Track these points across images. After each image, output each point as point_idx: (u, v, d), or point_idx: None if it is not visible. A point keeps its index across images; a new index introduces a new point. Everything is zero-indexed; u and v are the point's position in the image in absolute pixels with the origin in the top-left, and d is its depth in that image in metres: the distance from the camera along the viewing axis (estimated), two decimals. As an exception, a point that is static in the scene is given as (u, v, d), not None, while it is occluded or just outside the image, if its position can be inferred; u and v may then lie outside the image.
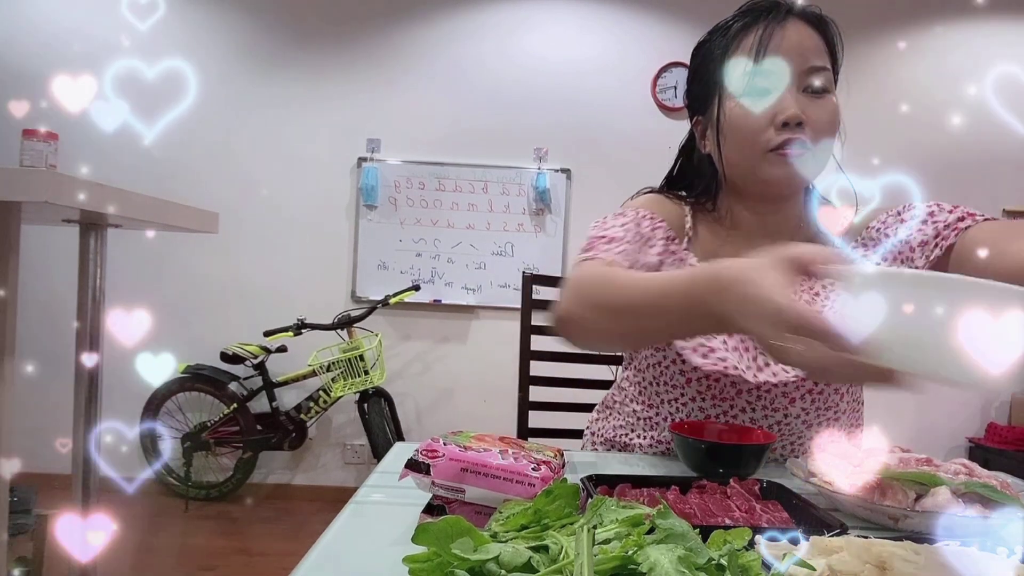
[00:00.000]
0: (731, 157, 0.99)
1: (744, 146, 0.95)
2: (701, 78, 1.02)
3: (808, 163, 0.93)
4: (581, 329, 0.85)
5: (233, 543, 3.05)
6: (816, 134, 0.92)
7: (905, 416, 3.65)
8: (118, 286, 2.42)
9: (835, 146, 0.97)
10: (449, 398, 3.69)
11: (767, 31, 0.93)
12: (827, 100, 0.94)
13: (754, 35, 0.94)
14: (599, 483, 0.77)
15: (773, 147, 0.92)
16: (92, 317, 1.60)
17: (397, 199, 3.63)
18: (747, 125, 0.94)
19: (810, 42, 0.94)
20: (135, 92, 3.60)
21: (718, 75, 0.98)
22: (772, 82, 0.92)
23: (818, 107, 0.93)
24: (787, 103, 0.92)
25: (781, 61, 0.92)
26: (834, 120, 0.95)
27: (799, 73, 0.93)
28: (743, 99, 0.94)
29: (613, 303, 0.80)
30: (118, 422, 3.22)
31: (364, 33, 3.65)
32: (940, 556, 0.54)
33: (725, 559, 0.47)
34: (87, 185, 1.20)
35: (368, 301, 3.52)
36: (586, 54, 3.67)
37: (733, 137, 0.97)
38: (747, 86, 0.93)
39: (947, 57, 3.67)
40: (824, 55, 0.95)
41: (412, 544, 0.48)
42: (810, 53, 0.93)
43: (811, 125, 0.92)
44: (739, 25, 0.97)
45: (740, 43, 0.96)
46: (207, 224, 1.73)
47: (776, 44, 0.92)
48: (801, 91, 0.93)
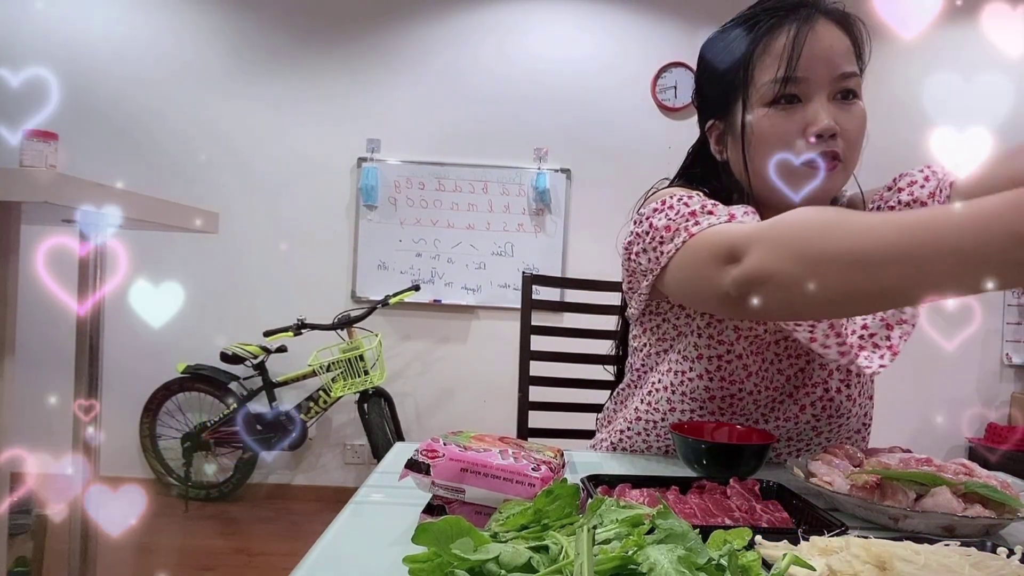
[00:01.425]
0: (758, 168, 0.93)
1: (775, 158, 0.90)
2: (719, 79, 0.96)
3: (840, 175, 0.90)
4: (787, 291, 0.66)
5: (233, 543, 3.05)
6: (848, 144, 0.89)
7: (905, 416, 3.66)
8: (118, 286, 2.42)
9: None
10: (449, 398, 3.69)
11: (799, 33, 0.87)
12: (857, 107, 0.90)
13: (785, 36, 0.88)
14: (599, 483, 0.77)
15: (805, 161, 0.88)
16: (92, 317, 1.60)
17: (397, 199, 3.63)
18: (777, 136, 0.89)
19: (840, 45, 0.89)
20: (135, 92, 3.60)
21: (742, 78, 0.92)
22: (804, 90, 0.88)
23: (849, 115, 0.89)
24: (820, 114, 0.87)
25: (814, 67, 0.87)
26: (863, 127, 0.91)
27: (831, 80, 0.88)
28: (774, 107, 0.89)
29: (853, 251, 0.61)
30: (118, 422, 3.23)
31: (364, 33, 3.65)
32: (940, 556, 0.54)
33: (725, 559, 0.47)
34: (87, 185, 1.20)
35: (368, 301, 3.52)
36: (586, 54, 3.67)
37: (761, 148, 0.91)
38: (778, 93, 0.89)
39: (944, 54, 3.67)
40: (853, 58, 0.91)
41: (412, 544, 0.48)
42: (841, 58, 0.89)
43: (843, 135, 0.88)
44: (766, 25, 0.90)
45: (769, 45, 0.89)
46: (207, 224, 1.73)
47: (808, 48, 0.87)
48: (831, 99, 0.89)
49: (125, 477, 3.25)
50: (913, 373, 3.49)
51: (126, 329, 2.67)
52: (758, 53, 0.90)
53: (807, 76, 0.88)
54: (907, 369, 3.40)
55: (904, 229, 0.57)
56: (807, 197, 0.90)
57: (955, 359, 3.54)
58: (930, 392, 3.68)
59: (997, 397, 3.74)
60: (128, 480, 3.11)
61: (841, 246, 0.62)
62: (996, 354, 3.73)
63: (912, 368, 3.38)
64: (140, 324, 3.63)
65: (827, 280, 0.62)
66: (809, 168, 0.88)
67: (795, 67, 0.87)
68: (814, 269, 0.63)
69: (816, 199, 0.90)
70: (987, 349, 3.72)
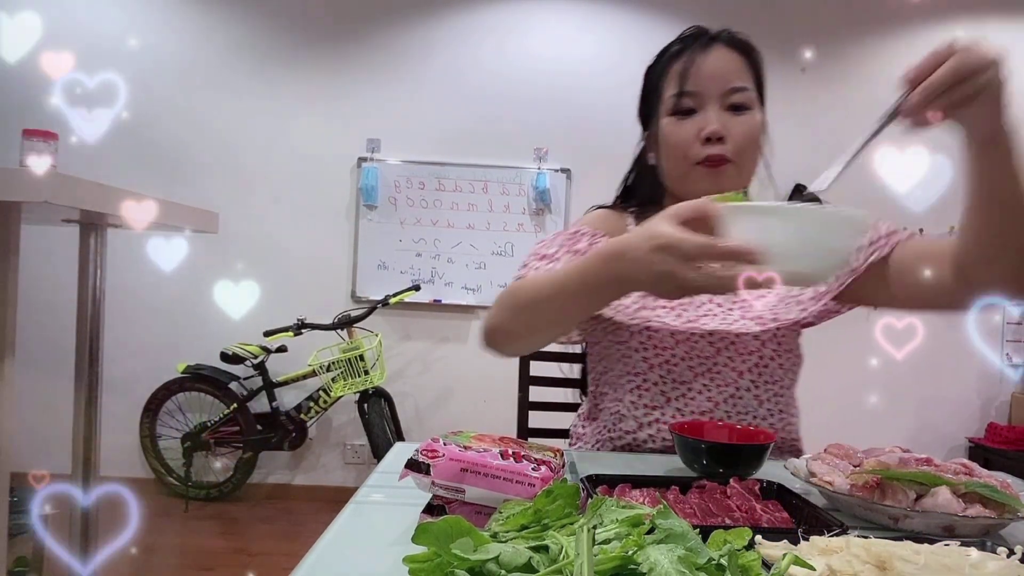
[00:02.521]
0: (667, 169, 1.10)
1: (675, 159, 1.07)
2: (646, 98, 1.15)
3: (731, 173, 1.04)
4: (505, 334, 0.96)
5: (233, 543, 3.05)
6: (737, 147, 1.03)
7: (905, 416, 3.66)
8: (118, 286, 2.42)
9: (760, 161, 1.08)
10: (449, 398, 3.69)
11: (692, 56, 1.05)
12: (748, 116, 1.05)
13: (683, 60, 1.06)
14: (599, 483, 0.77)
15: (699, 160, 1.04)
16: (92, 317, 1.60)
17: (397, 199, 3.63)
18: (677, 140, 1.06)
19: (732, 65, 1.06)
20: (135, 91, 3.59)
21: (656, 95, 1.10)
22: (698, 102, 1.05)
23: (739, 123, 1.04)
24: (709, 120, 1.03)
25: (705, 82, 1.04)
26: (754, 134, 1.05)
27: (721, 93, 1.04)
28: (675, 117, 1.06)
29: (527, 300, 0.91)
30: (118, 422, 3.23)
31: (364, 33, 3.65)
32: (940, 556, 0.54)
33: (725, 559, 0.47)
34: (87, 185, 1.20)
35: (368, 301, 3.52)
36: (586, 54, 3.67)
37: (666, 151, 1.08)
38: (676, 106, 1.06)
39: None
40: (746, 76, 1.06)
41: (412, 544, 0.49)
42: (731, 74, 1.05)
43: (732, 139, 1.03)
44: (673, 51, 1.09)
45: (671, 67, 1.08)
46: (207, 224, 1.73)
47: (700, 68, 1.04)
48: (724, 109, 1.04)
49: (125, 477, 3.26)
50: (913, 373, 3.49)
51: (126, 329, 2.67)
52: (665, 74, 1.09)
53: (699, 90, 1.04)
54: (907, 369, 3.40)
55: (553, 280, 0.87)
56: (704, 193, 0.97)
57: (955, 359, 3.54)
58: (930, 392, 3.68)
59: (997, 397, 3.74)
60: (128, 480, 3.12)
61: (524, 298, 0.92)
62: (996, 354, 3.73)
63: (912, 368, 3.38)
64: (140, 324, 3.64)
65: (525, 319, 0.93)
66: (701, 167, 1.04)
67: (688, 82, 1.04)
68: (515, 314, 0.93)
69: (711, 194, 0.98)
70: (987, 349, 3.72)
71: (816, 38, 3.68)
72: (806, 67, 3.65)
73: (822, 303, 1.09)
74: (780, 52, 3.65)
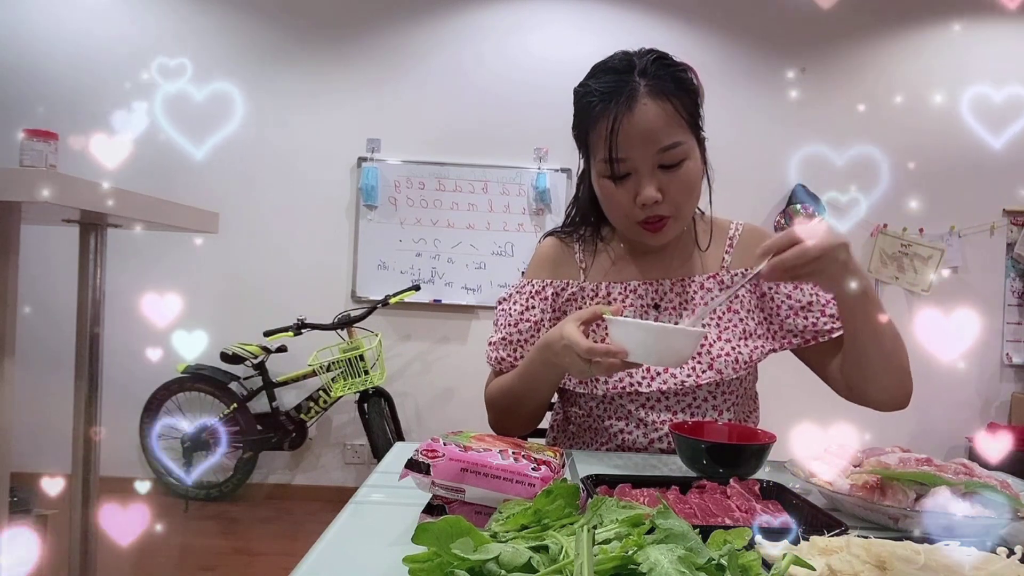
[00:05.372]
0: (609, 219, 1.13)
1: (616, 218, 1.09)
2: (576, 134, 1.12)
3: (671, 227, 1.07)
4: (509, 427, 1.17)
5: (233, 543, 3.05)
6: (675, 204, 1.04)
7: (905, 416, 3.64)
8: (118, 286, 2.42)
9: (704, 183, 1.09)
10: (449, 398, 3.69)
11: (619, 118, 0.99)
12: (683, 171, 1.02)
13: (606, 122, 1.00)
14: (599, 483, 0.77)
15: (639, 221, 1.05)
16: (92, 317, 1.60)
17: (397, 199, 3.63)
18: (615, 203, 1.06)
19: (659, 122, 1.00)
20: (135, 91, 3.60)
21: (584, 150, 1.10)
22: (630, 166, 1.02)
23: (674, 180, 1.02)
24: (644, 185, 1.02)
25: (635, 148, 1.00)
26: (691, 186, 1.04)
27: (652, 155, 1.01)
28: (609, 179, 1.05)
29: (507, 398, 1.13)
30: (118, 422, 3.23)
31: (364, 33, 3.65)
32: (940, 556, 0.54)
33: (725, 559, 0.47)
34: (87, 185, 1.20)
35: (368, 301, 3.52)
36: (586, 54, 3.61)
37: (606, 208, 1.10)
38: (609, 171, 1.03)
39: (948, 55, 3.67)
40: (676, 128, 1.01)
41: (412, 544, 0.49)
42: (660, 133, 1.00)
43: (669, 197, 1.03)
44: (597, 108, 1.02)
45: (597, 126, 1.03)
46: (207, 224, 1.73)
47: (628, 133, 1.00)
48: (658, 167, 1.02)
49: (125, 477, 3.25)
50: (913, 373, 3.49)
51: (126, 329, 2.66)
52: (591, 133, 1.05)
53: (629, 156, 1.01)
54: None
55: (518, 372, 1.11)
56: (648, 247, 1.14)
57: (955, 359, 3.53)
58: (930, 392, 3.67)
59: (997, 397, 3.74)
60: (128, 480, 3.12)
61: (505, 398, 1.14)
62: (996, 354, 3.73)
63: (912, 368, 3.38)
64: (140, 324, 3.63)
65: (514, 410, 1.14)
66: (641, 226, 1.06)
67: (617, 150, 1.00)
68: (505, 412, 1.16)
69: (655, 247, 1.14)
70: (987, 349, 3.72)
71: (816, 38, 3.68)
72: (806, 67, 3.65)
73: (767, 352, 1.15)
74: (780, 51, 3.65)
